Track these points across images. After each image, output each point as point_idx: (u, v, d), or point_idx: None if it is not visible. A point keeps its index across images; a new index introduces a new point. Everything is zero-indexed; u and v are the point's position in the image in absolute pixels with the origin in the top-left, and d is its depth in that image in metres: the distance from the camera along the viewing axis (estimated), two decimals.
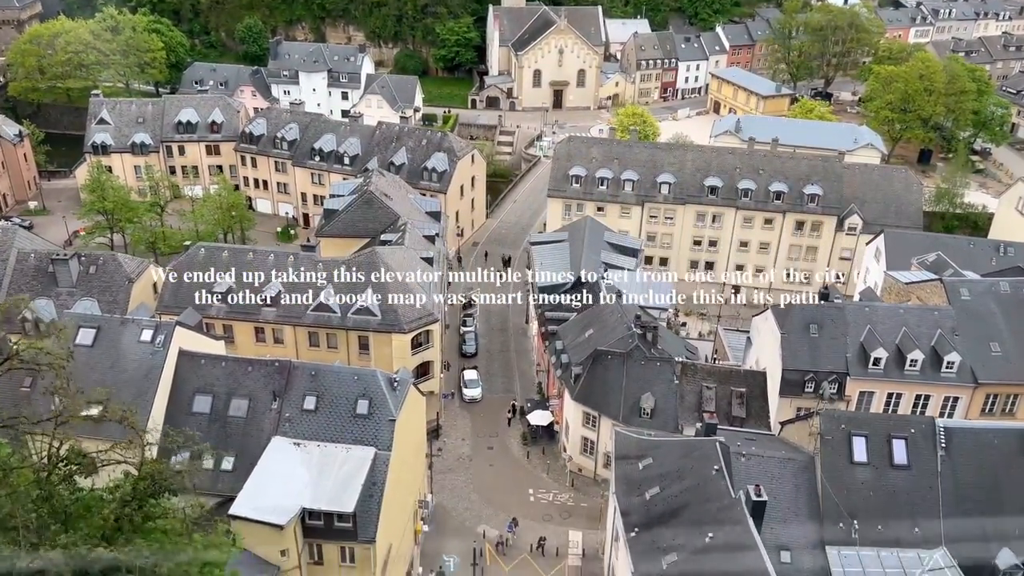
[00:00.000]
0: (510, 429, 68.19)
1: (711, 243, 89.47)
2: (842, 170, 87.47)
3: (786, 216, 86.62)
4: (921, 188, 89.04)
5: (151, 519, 15.43)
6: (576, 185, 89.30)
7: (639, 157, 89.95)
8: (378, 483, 46.24)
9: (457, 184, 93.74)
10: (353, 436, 47.90)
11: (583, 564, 54.77)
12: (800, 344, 55.07)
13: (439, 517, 58.90)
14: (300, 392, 49.18)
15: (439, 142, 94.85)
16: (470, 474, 63.16)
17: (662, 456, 47.81)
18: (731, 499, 41.47)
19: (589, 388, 59.89)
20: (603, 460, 60.90)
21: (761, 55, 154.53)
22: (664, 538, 42.58)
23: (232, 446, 48.60)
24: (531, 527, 57.57)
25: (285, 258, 66.35)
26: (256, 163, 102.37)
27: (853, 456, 41.80)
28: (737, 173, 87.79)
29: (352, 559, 46.01)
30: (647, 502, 45.26)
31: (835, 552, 40.13)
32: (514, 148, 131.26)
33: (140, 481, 15.15)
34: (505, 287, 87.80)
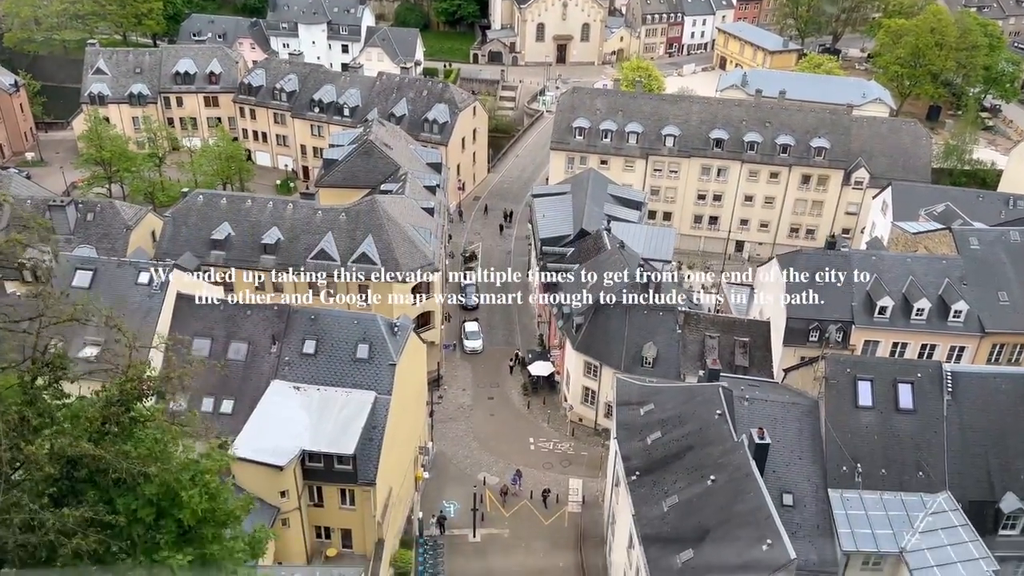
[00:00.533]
0: (511, 380, 67.92)
1: (716, 198, 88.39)
2: (850, 123, 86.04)
3: (792, 170, 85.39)
4: (930, 141, 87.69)
5: (139, 422, 14.93)
6: (579, 138, 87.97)
7: (644, 109, 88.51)
8: (378, 427, 45.97)
9: (458, 136, 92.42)
10: (353, 380, 47.54)
11: (583, 511, 54.82)
12: (805, 292, 54.36)
13: (440, 464, 58.85)
14: (299, 336, 48.72)
15: (440, 93, 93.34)
16: (471, 423, 63.02)
17: (664, 402, 47.45)
18: (734, 443, 41.15)
19: (591, 338, 59.42)
20: (604, 410, 60.67)
21: (769, 10, 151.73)
22: (665, 482, 42.38)
23: (231, 389, 48.28)
24: (531, 475, 57.53)
25: (284, 206, 65.50)
26: (255, 115, 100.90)
27: (858, 400, 41.35)
28: (743, 125, 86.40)
29: (352, 501, 45.92)
30: (648, 447, 45.00)
31: (837, 495, 39.87)
32: (516, 103, 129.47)
33: (127, 383, 14.63)
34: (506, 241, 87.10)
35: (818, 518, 39.74)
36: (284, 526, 44.66)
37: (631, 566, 42.93)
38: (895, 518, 38.83)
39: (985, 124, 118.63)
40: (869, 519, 38.89)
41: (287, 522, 44.57)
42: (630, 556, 43.39)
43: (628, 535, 43.42)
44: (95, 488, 14.37)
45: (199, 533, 15.46)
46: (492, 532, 53.15)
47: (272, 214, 64.71)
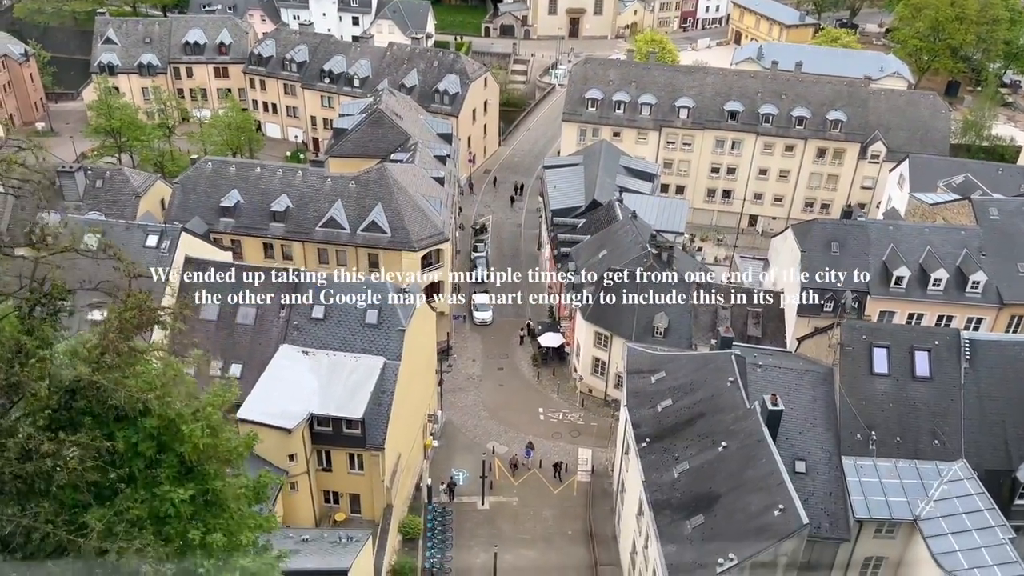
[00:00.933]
0: (521, 351, 67.52)
1: (729, 171, 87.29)
2: (867, 95, 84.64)
3: (808, 143, 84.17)
4: (949, 115, 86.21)
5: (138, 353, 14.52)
6: (592, 109, 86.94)
7: (658, 80, 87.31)
8: (387, 392, 45.72)
9: (469, 108, 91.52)
10: (362, 345, 47.26)
11: (592, 480, 54.52)
12: (820, 262, 53.64)
13: (449, 433, 58.62)
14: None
15: (451, 64, 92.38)
16: (480, 393, 62.71)
17: (675, 370, 46.93)
18: (746, 409, 40.66)
19: (601, 308, 58.83)
20: (614, 380, 60.22)
21: None
22: (675, 448, 41.97)
23: (239, 354, 48.15)
24: (541, 445, 57.21)
25: (294, 173, 65.05)
26: (265, 86, 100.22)
27: (873, 367, 40.71)
28: (759, 97, 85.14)
29: (360, 466, 45.76)
30: (659, 414, 44.57)
31: (851, 462, 39.34)
32: (528, 77, 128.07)
33: (127, 311, 14.23)
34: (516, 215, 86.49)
35: (831, 485, 39.24)
36: (292, 490, 44.57)
37: (640, 533, 42.63)
38: (909, 486, 38.30)
39: (1005, 100, 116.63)
40: (883, 486, 38.37)
41: (295, 486, 44.46)
42: (639, 523, 43.10)
43: (638, 502, 43.09)
44: (94, 420, 14.01)
45: (201, 470, 15.12)
46: (501, 500, 52.95)
47: (281, 181, 64.27)
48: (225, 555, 14.93)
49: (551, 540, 50.25)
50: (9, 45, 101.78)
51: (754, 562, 34.72)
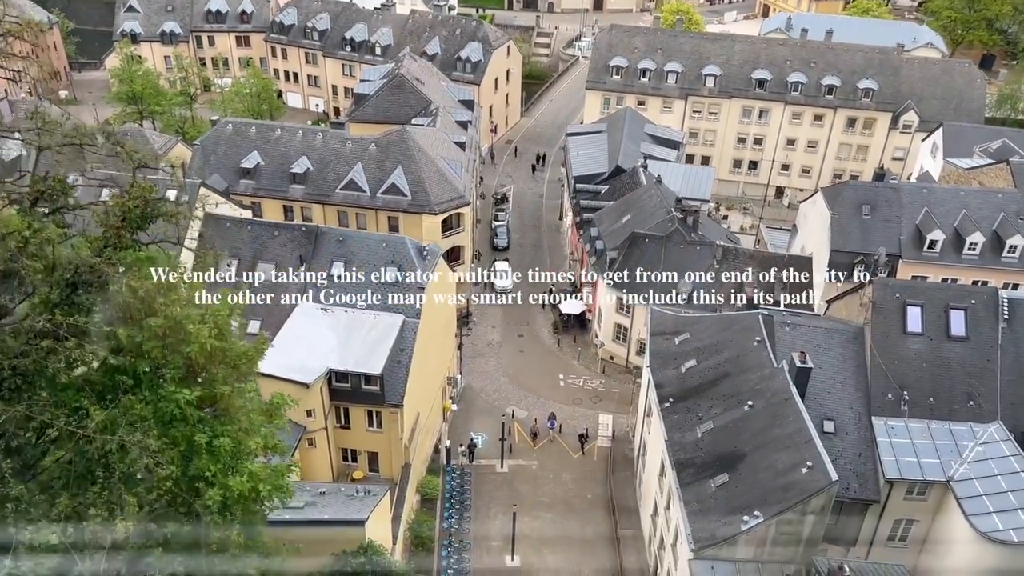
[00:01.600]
0: (541, 318, 66.64)
1: (756, 141, 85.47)
2: (900, 64, 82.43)
3: (837, 112, 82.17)
4: (985, 84, 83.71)
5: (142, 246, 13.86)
6: (616, 77, 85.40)
7: (684, 48, 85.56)
8: (406, 349, 45.14)
9: (491, 76, 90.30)
10: (382, 302, 46.60)
11: (612, 445, 53.71)
12: (851, 225, 52.22)
13: (468, 397, 58.00)
14: (328, 258, 47.84)
15: (474, 31, 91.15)
16: (500, 359, 61.99)
17: (700, 331, 45.92)
18: (773, 368, 39.61)
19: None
20: (636, 347, 59.25)
21: None
22: (699, 408, 41.04)
23: (257, 311, 47.54)
24: (561, 411, 56.39)
25: (314, 135, 64.39)
26: (286, 55, 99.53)
27: (907, 326, 39.46)
28: (787, 66, 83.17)
29: (379, 424, 45.25)
30: (682, 375, 43.62)
31: (881, 423, 38.21)
32: (551, 50, 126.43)
33: (131, 200, 13.55)
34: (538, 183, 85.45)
35: (860, 446, 38.15)
36: (310, 446, 44.17)
37: (662, 494, 41.79)
38: (942, 447, 37.13)
39: None
40: (915, 447, 37.24)
41: (313, 442, 44.04)
42: (661, 484, 42.25)
43: (660, 463, 42.22)
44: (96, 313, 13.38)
45: (208, 375, 14.46)
46: (520, 463, 52.32)
47: (302, 143, 63.65)
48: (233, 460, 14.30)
49: (570, 504, 49.55)
50: (32, 12, 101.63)
51: (780, 520, 33.79)
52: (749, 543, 34.56)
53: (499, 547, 46.08)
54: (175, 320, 14.00)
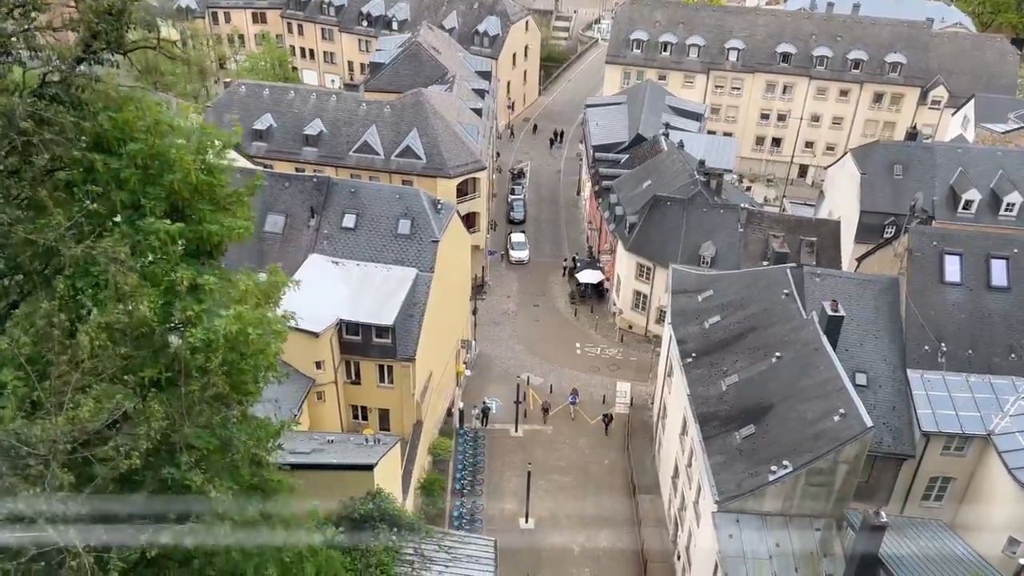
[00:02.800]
0: (558, 288, 65.04)
1: (780, 117, 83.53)
2: (929, 38, 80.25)
3: (864, 87, 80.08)
4: (1017, 59, 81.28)
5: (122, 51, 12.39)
6: (637, 51, 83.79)
7: (706, 21, 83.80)
8: (419, 303, 43.65)
9: (510, 51, 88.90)
10: (394, 256, 45.20)
11: (631, 412, 51.97)
12: (882, 185, 50.30)
13: (482, 364, 56.44)
14: (339, 210, 46.44)
15: (492, 5, 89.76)
16: (515, 327, 60.42)
17: (724, 288, 44.14)
18: (802, 320, 37.78)
19: (645, 237, 56.07)
20: (655, 315, 57.50)
21: None
22: (724, 362, 39.26)
23: (267, 263, 46.08)
24: (578, 379, 54.73)
25: (328, 97, 63.24)
26: (303, 31, 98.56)
27: (944, 276, 37.52)
28: (813, 40, 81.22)
29: (390, 379, 43.77)
30: (706, 331, 41.86)
31: (917, 375, 36.28)
32: (570, 33, 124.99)
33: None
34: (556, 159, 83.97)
35: (895, 399, 36.26)
36: (319, 400, 42.74)
37: (684, 452, 40.03)
38: (982, 400, 35.15)
39: None
40: (953, 401, 35.28)
41: (322, 396, 42.59)
42: (683, 443, 40.49)
43: (681, 420, 40.48)
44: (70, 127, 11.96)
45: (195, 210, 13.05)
46: (535, 428, 50.64)
47: (315, 106, 62.47)
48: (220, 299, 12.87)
49: (586, 468, 47.83)
50: None
51: (811, 470, 31.95)
52: (777, 495, 32.75)
53: (513, 510, 44.45)
54: (157, 149, 12.62)
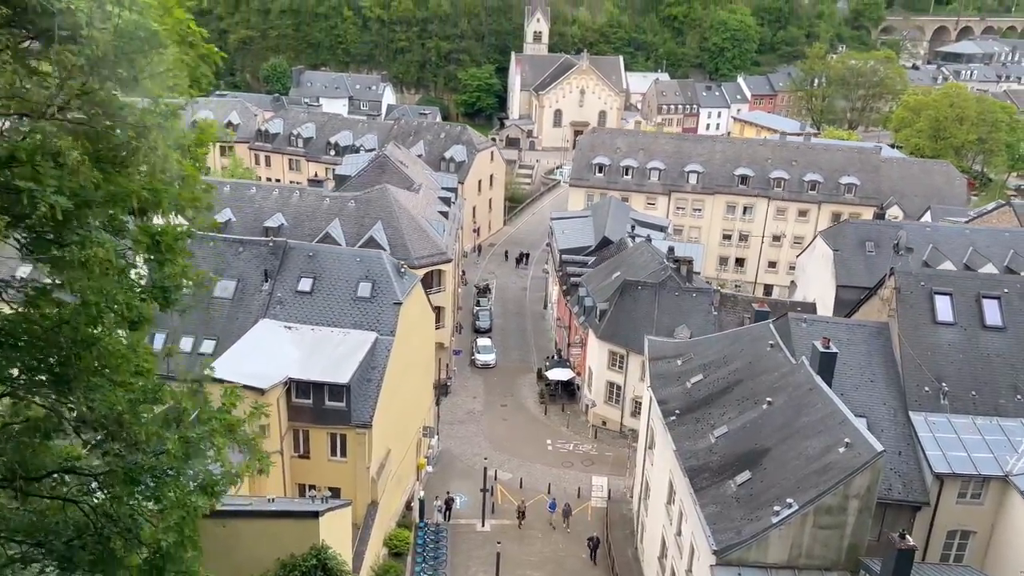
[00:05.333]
0: (527, 389, 61.71)
1: (742, 238, 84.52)
2: (879, 162, 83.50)
3: (822, 207, 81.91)
4: (964, 183, 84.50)
5: None
6: (599, 174, 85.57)
7: (666, 148, 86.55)
8: (378, 367, 40.23)
9: (475, 177, 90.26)
10: (353, 320, 42.25)
11: (608, 506, 47.36)
12: (855, 261, 49.52)
13: (446, 461, 51.90)
14: (295, 274, 43.88)
15: (458, 135, 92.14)
16: (481, 425, 56.40)
17: (703, 350, 41.64)
18: (792, 365, 35.20)
19: (616, 323, 53.95)
20: (630, 408, 54.27)
21: (784, 105, 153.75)
22: (711, 417, 36.05)
23: (214, 331, 42.88)
24: (549, 474, 50.41)
25: (290, 193, 62.15)
26: (270, 161, 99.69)
27: (936, 316, 35.63)
28: (769, 164, 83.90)
29: (343, 451, 39.34)
30: (688, 390, 38.87)
31: (921, 418, 33.40)
32: (533, 179, 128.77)
33: None
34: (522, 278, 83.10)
35: (899, 443, 33.12)
36: (261, 475, 37.91)
37: (672, 521, 35.77)
38: (994, 442, 32.22)
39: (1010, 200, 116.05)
40: (963, 442, 32.28)
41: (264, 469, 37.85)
42: (670, 512, 36.32)
43: (667, 485, 36.55)
44: None
45: None
46: (504, 523, 45.62)
47: (277, 200, 61.27)
48: None
49: (562, 563, 42.65)
50: None
51: (819, 508, 28.22)
52: (783, 543, 28.70)
53: None
54: None
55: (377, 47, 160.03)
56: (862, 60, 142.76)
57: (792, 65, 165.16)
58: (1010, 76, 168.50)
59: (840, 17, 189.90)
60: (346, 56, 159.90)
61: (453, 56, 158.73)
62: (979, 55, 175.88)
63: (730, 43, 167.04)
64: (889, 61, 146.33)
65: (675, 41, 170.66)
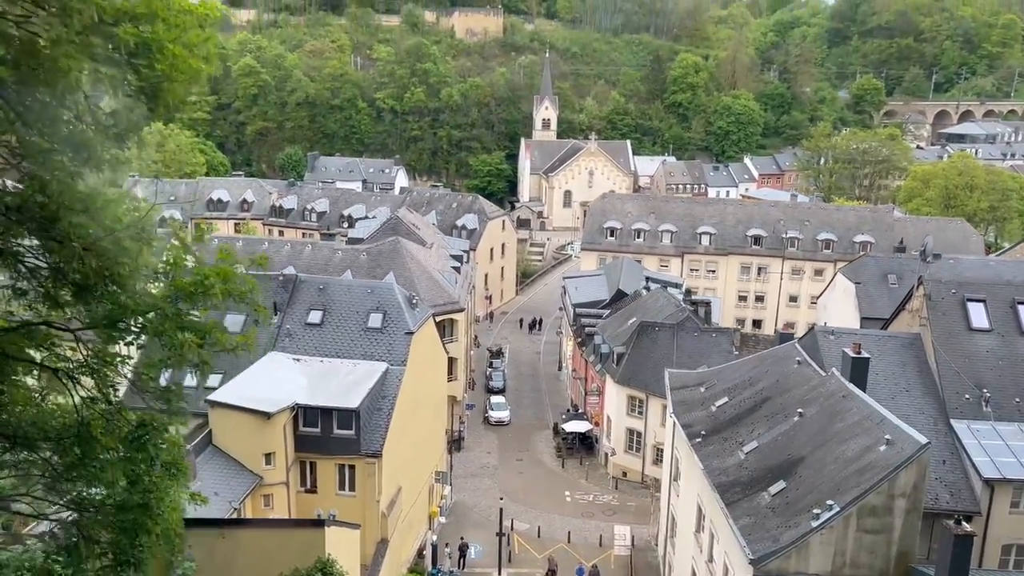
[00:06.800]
0: (543, 444, 59.49)
1: (758, 298, 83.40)
2: (893, 221, 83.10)
3: (837, 265, 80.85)
4: (980, 240, 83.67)
5: None
6: (611, 238, 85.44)
7: (676, 211, 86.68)
8: (389, 397, 38.78)
9: (487, 245, 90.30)
10: (363, 351, 41.09)
11: (632, 553, 44.60)
12: (878, 293, 48.26)
13: (459, 513, 49.47)
14: (305, 306, 43.03)
15: (470, 205, 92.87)
16: (496, 479, 54.05)
17: (727, 376, 40.03)
18: (822, 377, 33.57)
19: (634, 366, 52.36)
20: (652, 456, 51.99)
21: (792, 184, 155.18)
22: (739, 435, 34.20)
23: (222, 364, 41.48)
24: (569, 524, 47.82)
25: (302, 247, 62.06)
26: (283, 235, 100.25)
27: (971, 322, 34.11)
28: (781, 225, 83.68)
29: (352, 485, 37.43)
30: (713, 413, 37.10)
31: (963, 426, 31.46)
32: (544, 255, 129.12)
33: None
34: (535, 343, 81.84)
35: (943, 452, 31.08)
36: (266, 506, 36.06)
37: (701, 549, 33.37)
38: None
39: None
40: (1011, 449, 30.24)
41: (270, 500, 36.05)
42: (699, 540, 33.96)
43: (696, 510, 34.33)
44: None
45: None
46: (522, 572, 42.91)
47: (289, 254, 61.09)
48: None
49: None
50: None
51: (862, 508, 26.13)
52: (825, 550, 26.47)
53: None
54: None
55: (390, 136, 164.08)
56: (867, 137, 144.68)
57: (798, 146, 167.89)
58: (1015, 154, 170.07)
59: (842, 103, 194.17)
60: (360, 145, 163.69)
61: (464, 144, 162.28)
62: (983, 135, 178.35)
63: (735, 126, 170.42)
64: (893, 139, 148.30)
65: (680, 126, 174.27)
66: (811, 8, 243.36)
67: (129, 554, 12.82)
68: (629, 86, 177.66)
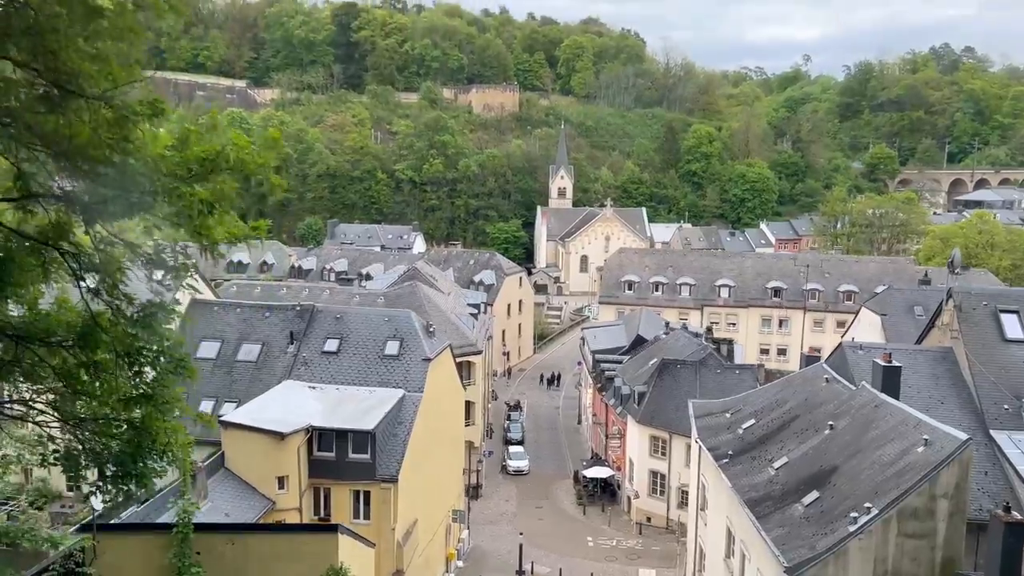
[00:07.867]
0: (563, 491, 57.70)
1: (780, 351, 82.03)
2: (915, 272, 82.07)
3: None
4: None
5: None
6: (629, 291, 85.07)
7: (694, 265, 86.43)
8: (405, 423, 37.91)
9: (504, 301, 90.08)
10: (379, 378, 40.46)
11: None
12: (905, 325, 47.14)
13: (477, 557, 47.68)
14: (321, 335, 42.61)
15: (487, 261, 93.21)
16: (516, 524, 52.11)
17: (752, 400, 38.88)
18: (852, 391, 32.45)
19: (656, 405, 51.13)
20: (677, 499, 50.17)
21: (809, 249, 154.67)
22: (768, 453, 32.91)
23: (236, 392, 41.17)
24: (591, 568, 45.83)
25: (321, 292, 62.06)
26: None
27: (1005, 333, 33.07)
28: (801, 276, 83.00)
29: (367, 513, 36.16)
30: (740, 435, 35.85)
31: (1004, 436, 30.10)
32: (561, 318, 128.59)
33: None
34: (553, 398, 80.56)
35: (984, 463, 29.62)
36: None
37: (733, 572, 31.67)
38: None
39: None
40: None
41: None
42: (729, 564, 32.29)
43: (725, 533, 32.77)
44: None
45: None
46: None
47: (307, 298, 60.80)
48: None
49: None
50: None
51: (902, 509, 24.75)
52: (864, 558, 24.96)
53: None
54: None
55: (409, 205, 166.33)
56: (883, 202, 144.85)
57: (814, 212, 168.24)
58: None
59: (856, 172, 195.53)
60: (379, 214, 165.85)
61: (481, 212, 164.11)
62: (1000, 201, 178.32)
63: (750, 194, 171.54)
64: (910, 203, 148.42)
65: (695, 194, 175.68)
66: (821, 85, 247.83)
67: (130, 466, 12.26)
68: (643, 156, 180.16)
